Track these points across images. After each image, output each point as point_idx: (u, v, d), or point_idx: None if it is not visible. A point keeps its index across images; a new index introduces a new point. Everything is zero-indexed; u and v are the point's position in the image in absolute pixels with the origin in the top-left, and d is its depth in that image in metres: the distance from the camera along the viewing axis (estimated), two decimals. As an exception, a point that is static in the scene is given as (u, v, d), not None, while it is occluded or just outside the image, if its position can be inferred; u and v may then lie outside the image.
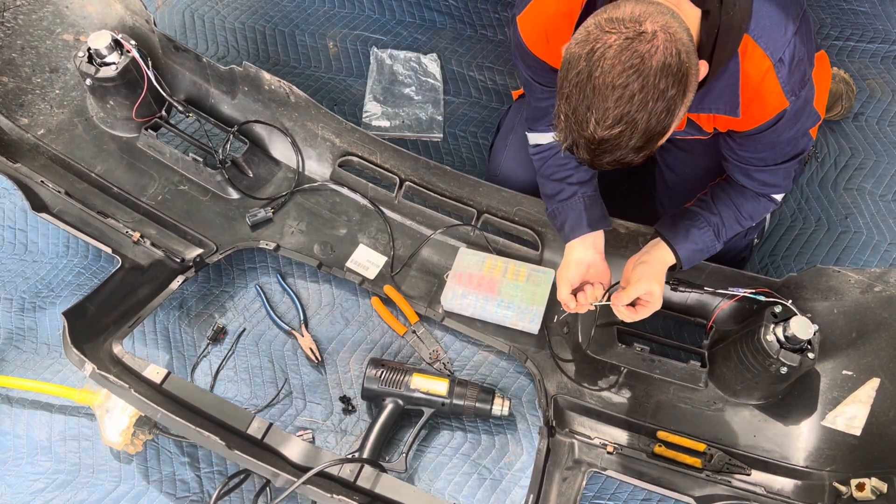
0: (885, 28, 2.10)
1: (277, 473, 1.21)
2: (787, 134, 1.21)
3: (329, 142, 1.73)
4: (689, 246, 1.37)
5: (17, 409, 1.54)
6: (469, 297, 1.59)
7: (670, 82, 0.93)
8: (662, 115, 0.95)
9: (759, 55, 1.10)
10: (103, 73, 1.63)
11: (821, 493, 1.37)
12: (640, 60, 0.92)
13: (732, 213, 1.37)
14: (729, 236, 1.39)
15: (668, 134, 1.00)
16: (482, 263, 1.63)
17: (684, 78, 0.95)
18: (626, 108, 0.93)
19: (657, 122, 0.96)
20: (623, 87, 0.92)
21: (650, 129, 0.96)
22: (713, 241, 1.37)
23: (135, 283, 1.52)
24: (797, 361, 1.34)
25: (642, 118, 0.94)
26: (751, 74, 1.12)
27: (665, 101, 0.94)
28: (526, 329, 1.59)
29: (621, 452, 1.42)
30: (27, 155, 1.68)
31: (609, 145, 0.97)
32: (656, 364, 1.52)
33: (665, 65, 0.92)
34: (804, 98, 1.16)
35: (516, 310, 1.58)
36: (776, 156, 1.27)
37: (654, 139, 0.98)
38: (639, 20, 0.93)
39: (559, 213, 1.43)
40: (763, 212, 1.39)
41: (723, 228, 1.37)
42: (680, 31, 0.95)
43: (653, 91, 0.93)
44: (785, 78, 1.11)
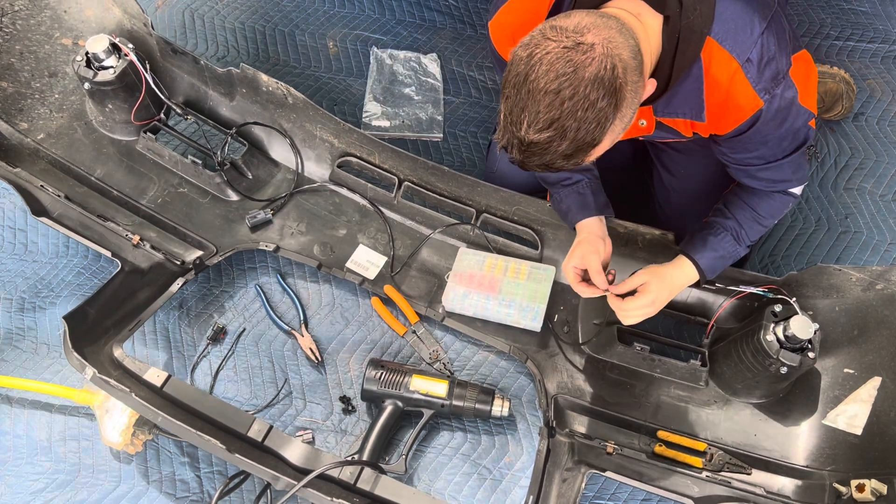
0: (885, 28, 2.10)
1: (278, 477, 1.21)
2: (775, 132, 1.21)
3: (327, 142, 1.73)
4: (708, 254, 1.37)
5: (17, 409, 1.54)
6: (470, 297, 1.59)
7: (601, 94, 0.94)
8: (592, 125, 0.96)
9: (724, 57, 1.10)
10: (101, 77, 1.63)
11: (821, 493, 1.37)
12: (573, 70, 0.93)
13: (749, 214, 1.36)
14: (753, 239, 1.38)
15: (599, 146, 1.01)
16: (482, 263, 1.63)
17: (617, 92, 0.96)
18: (556, 113, 0.95)
19: (586, 132, 0.97)
20: (555, 93, 0.94)
21: (579, 139, 0.97)
22: (734, 245, 1.37)
23: (135, 286, 1.52)
24: (797, 361, 1.34)
25: (571, 126, 0.96)
26: (718, 77, 1.12)
27: (595, 111, 0.95)
28: (528, 327, 1.58)
29: (621, 453, 1.42)
30: (27, 159, 1.68)
31: (538, 149, 0.99)
32: (656, 363, 1.52)
33: (597, 77, 0.94)
34: (782, 96, 1.15)
35: (518, 308, 1.58)
36: (775, 152, 1.26)
37: (584, 149, 1.00)
38: (581, 31, 0.95)
39: (565, 198, 1.44)
40: (782, 207, 1.37)
41: (741, 231, 1.37)
42: (622, 48, 0.96)
43: (583, 101, 0.94)
44: (755, 77, 1.11)
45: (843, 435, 1.40)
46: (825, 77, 1.87)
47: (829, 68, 1.88)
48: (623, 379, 1.53)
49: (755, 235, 1.39)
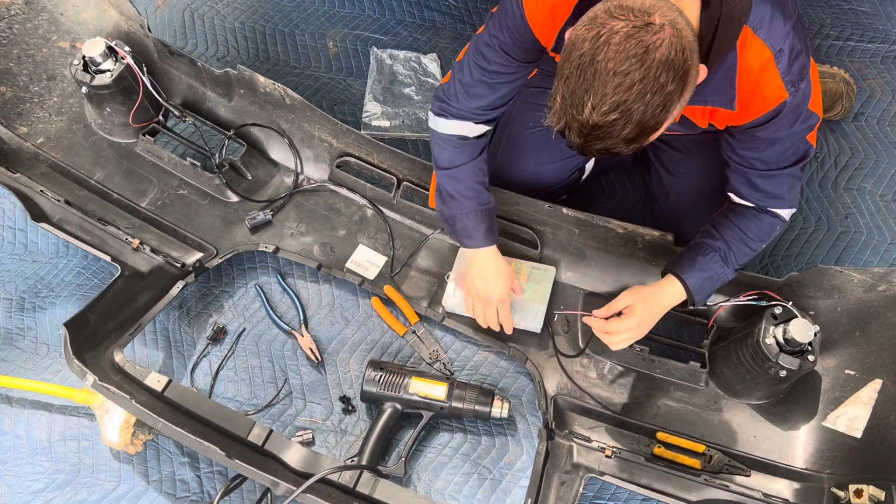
0: (885, 28, 2.10)
1: (277, 482, 1.22)
2: (786, 131, 1.20)
3: (326, 143, 1.73)
4: (697, 274, 1.35)
5: (17, 409, 1.54)
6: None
7: (670, 77, 0.93)
8: (658, 108, 0.95)
9: (759, 46, 1.10)
10: (99, 81, 1.63)
11: (819, 497, 1.37)
12: (643, 50, 0.92)
13: (737, 235, 1.35)
14: (740, 261, 1.37)
15: (661, 130, 1.00)
16: None
17: (685, 76, 0.95)
18: (624, 96, 0.93)
19: (652, 116, 0.95)
20: (624, 75, 0.92)
21: (644, 122, 0.96)
22: (721, 266, 1.35)
23: (135, 291, 1.52)
24: (796, 365, 1.33)
25: (638, 109, 0.94)
26: (751, 65, 1.12)
27: (663, 95, 0.94)
28: (529, 328, 1.58)
29: (620, 456, 1.42)
30: (27, 164, 1.68)
31: (602, 132, 0.97)
32: (656, 364, 1.52)
33: (668, 59, 0.92)
34: (803, 93, 1.16)
35: (518, 309, 1.57)
36: (777, 157, 1.26)
37: (647, 132, 0.98)
38: (648, 11, 0.93)
39: (474, 217, 1.41)
40: (769, 231, 1.36)
41: (729, 252, 1.35)
42: (686, 30, 0.95)
43: (652, 83, 0.93)
44: (785, 68, 1.11)
45: (842, 437, 1.40)
46: (825, 77, 1.86)
47: (829, 68, 1.88)
48: (623, 380, 1.53)
49: (743, 258, 1.37)
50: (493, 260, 1.47)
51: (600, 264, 1.62)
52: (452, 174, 1.41)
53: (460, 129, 1.38)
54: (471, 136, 1.39)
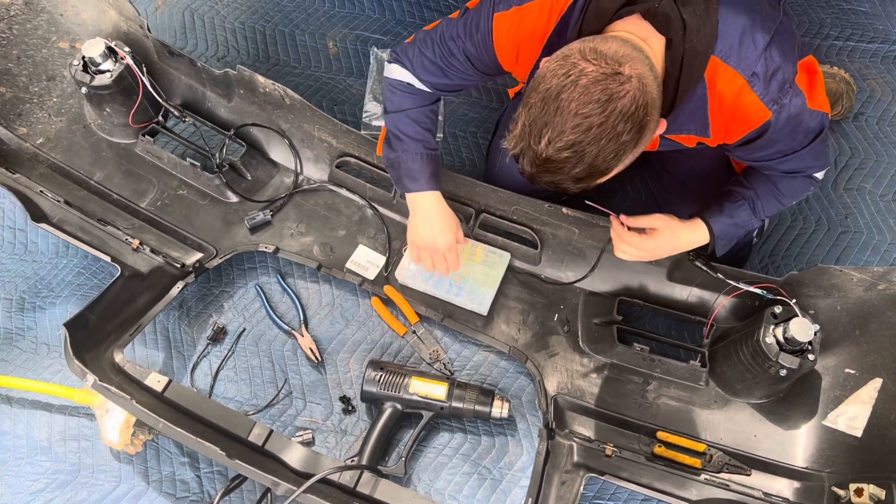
0: (885, 28, 2.10)
1: (278, 482, 1.22)
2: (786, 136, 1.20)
3: (326, 143, 1.73)
4: (724, 220, 1.36)
5: (17, 409, 1.54)
6: (423, 274, 1.62)
7: (628, 128, 0.96)
8: (610, 155, 0.98)
9: (730, 74, 1.11)
10: (98, 81, 1.63)
11: (819, 496, 1.37)
12: (607, 98, 0.95)
13: (769, 188, 1.35)
14: (768, 213, 1.37)
15: (609, 175, 1.03)
16: None
17: (642, 129, 0.98)
18: (581, 136, 0.96)
19: (603, 161, 0.99)
20: (584, 117, 0.95)
21: (595, 165, 0.99)
22: (749, 215, 1.36)
23: (135, 291, 1.52)
24: (796, 364, 1.33)
25: (591, 152, 0.97)
26: (724, 93, 1.13)
27: (617, 143, 0.97)
28: (475, 310, 1.60)
29: (620, 455, 1.42)
30: (26, 164, 1.68)
31: (553, 166, 1.00)
32: (656, 363, 1.52)
33: (629, 111, 0.95)
34: (791, 105, 1.15)
35: (467, 290, 1.61)
36: (792, 145, 1.24)
37: (595, 175, 1.01)
38: (620, 61, 0.96)
39: (420, 160, 1.42)
40: (804, 189, 1.36)
41: (758, 202, 1.35)
42: (652, 85, 0.98)
43: (610, 130, 0.96)
44: (762, 91, 1.12)
45: (842, 437, 1.40)
46: (825, 77, 1.87)
47: (829, 68, 1.88)
48: (623, 379, 1.53)
49: (771, 211, 1.37)
50: (439, 206, 1.47)
51: (600, 264, 1.62)
52: (400, 117, 1.42)
53: (410, 79, 1.39)
54: (417, 87, 1.40)
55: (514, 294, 1.64)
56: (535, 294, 1.64)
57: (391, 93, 1.42)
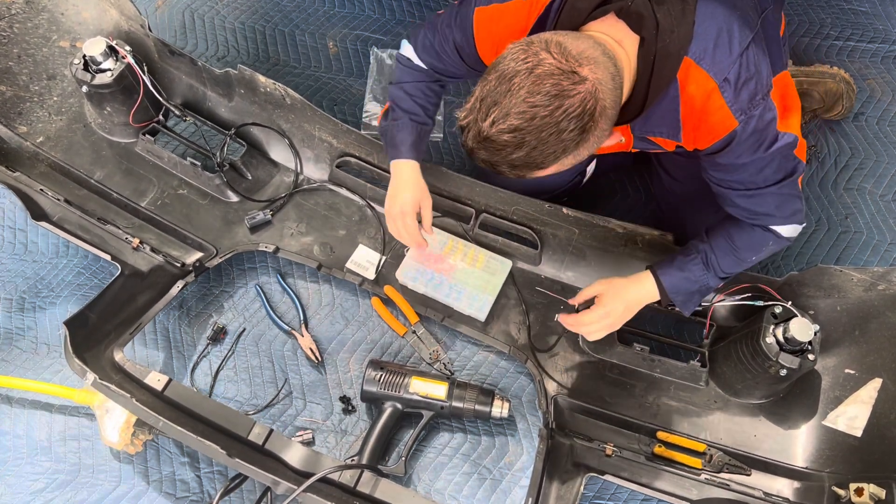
0: (885, 28, 2.10)
1: (278, 481, 1.22)
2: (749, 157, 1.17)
3: (326, 143, 1.73)
4: (674, 273, 1.34)
5: (17, 409, 1.54)
6: (424, 276, 1.62)
7: (570, 127, 0.96)
8: (549, 150, 0.98)
9: (702, 77, 1.09)
10: (99, 80, 1.63)
11: (819, 496, 1.37)
12: (557, 93, 0.95)
13: (725, 243, 1.32)
14: (725, 269, 1.33)
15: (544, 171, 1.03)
16: (443, 244, 1.66)
17: (584, 133, 0.98)
18: (524, 124, 0.96)
19: (540, 154, 0.99)
20: (531, 106, 0.95)
21: (532, 156, 0.99)
22: (702, 270, 1.33)
23: (135, 290, 1.52)
24: (797, 364, 1.33)
25: (530, 142, 0.97)
26: (695, 96, 1.11)
27: (558, 139, 0.97)
28: (473, 315, 1.60)
29: (620, 455, 1.42)
30: (26, 163, 1.68)
31: (491, 146, 1.00)
32: (656, 363, 1.52)
33: (575, 112, 0.95)
34: (760, 118, 1.12)
35: (467, 295, 1.60)
36: (755, 179, 1.21)
37: (531, 167, 1.01)
38: (581, 62, 0.96)
39: (405, 129, 1.43)
40: (761, 243, 1.31)
41: (713, 256, 1.32)
42: (608, 94, 0.98)
43: (553, 126, 0.96)
44: (731, 98, 1.10)
45: (842, 437, 1.40)
46: (825, 77, 1.86)
47: (829, 68, 1.87)
48: (623, 379, 1.53)
49: (729, 267, 1.33)
50: (409, 175, 1.46)
51: (600, 264, 1.62)
52: (397, 89, 1.45)
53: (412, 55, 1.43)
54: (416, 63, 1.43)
55: (514, 294, 1.64)
56: (535, 294, 1.64)
57: (397, 66, 1.47)
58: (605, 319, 1.37)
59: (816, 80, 1.85)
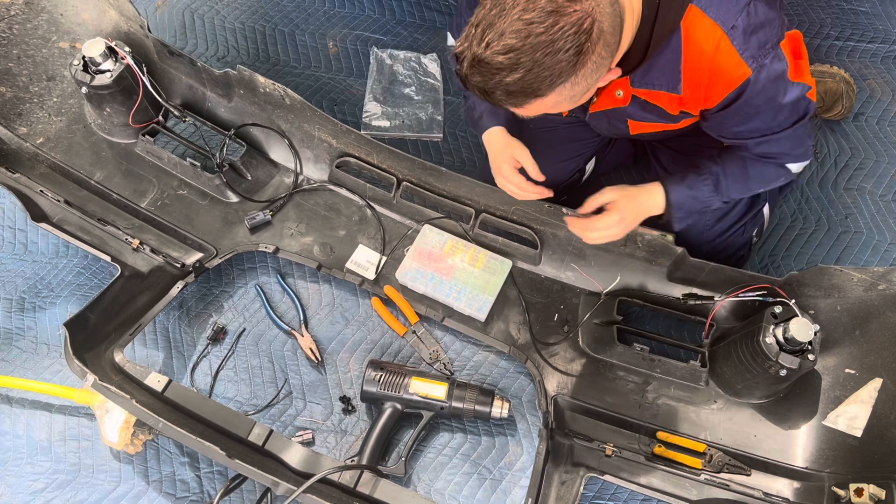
0: (885, 28, 2.10)
1: (278, 482, 1.22)
2: (765, 105, 1.16)
3: (326, 143, 1.73)
4: (683, 190, 1.34)
5: (17, 409, 1.54)
6: (423, 275, 1.62)
7: (566, 47, 0.93)
8: (545, 73, 0.95)
9: (708, 25, 1.07)
10: (99, 81, 1.62)
11: (819, 496, 1.37)
12: (553, 9, 0.92)
13: (737, 169, 1.32)
14: (732, 195, 1.34)
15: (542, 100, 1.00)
16: (443, 244, 1.66)
17: (582, 54, 0.95)
18: (519, 43, 0.93)
19: (536, 77, 0.95)
20: (526, 23, 0.92)
21: (527, 80, 0.96)
22: (711, 191, 1.33)
23: (135, 291, 1.52)
24: (797, 364, 1.33)
25: (525, 63, 0.94)
26: (703, 46, 1.09)
27: (554, 60, 0.94)
28: (473, 315, 1.60)
29: (620, 455, 1.42)
30: (26, 164, 1.69)
31: (486, 69, 0.97)
32: (656, 363, 1.52)
33: (571, 30, 0.92)
34: (771, 68, 1.11)
35: (466, 296, 1.60)
36: (770, 125, 1.21)
37: (527, 93, 0.98)
38: None
39: (478, 104, 1.47)
40: (774, 177, 1.32)
41: (724, 180, 1.32)
42: (606, 18, 0.95)
43: (548, 45, 0.92)
44: (741, 44, 1.08)
45: (842, 437, 1.40)
46: (825, 77, 1.86)
47: (829, 68, 1.88)
48: (623, 379, 1.53)
49: (736, 193, 1.34)
50: (496, 138, 1.48)
51: (600, 264, 1.62)
52: None
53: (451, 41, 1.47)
54: None
55: (514, 294, 1.64)
56: (535, 294, 1.64)
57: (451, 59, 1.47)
58: (618, 226, 1.37)
59: (816, 79, 1.85)
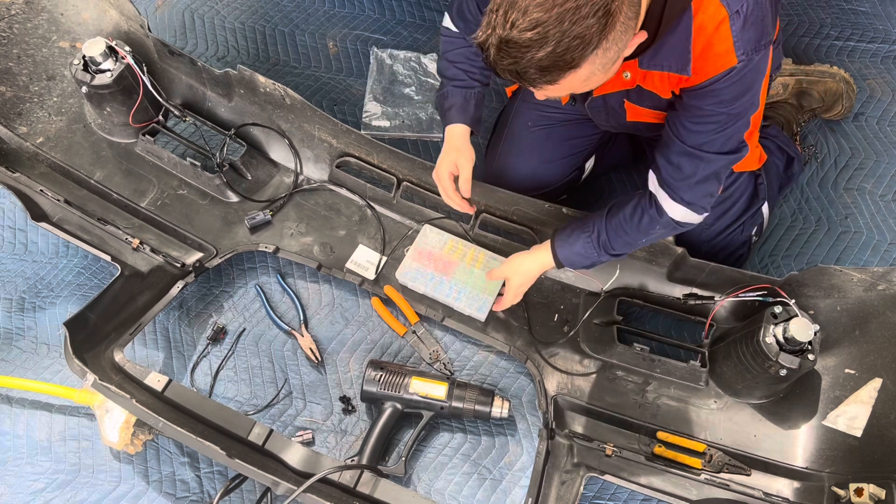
0: (885, 28, 2.10)
1: (278, 482, 1.22)
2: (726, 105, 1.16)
3: (326, 143, 1.73)
4: (568, 248, 1.42)
5: (17, 409, 1.54)
6: (423, 275, 1.62)
7: (593, 10, 0.92)
8: (575, 41, 0.94)
9: (714, 6, 1.08)
10: (99, 81, 1.63)
11: (819, 496, 1.37)
12: None
13: (617, 221, 1.35)
14: (616, 248, 1.37)
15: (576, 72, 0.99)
16: (443, 244, 1.67)
17: (609, 16, 0.94)
18: (544, 16, 0.92)
19: (567, 48, 0.94)
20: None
21: (558, 52, 0.95)
22: (594, 248, 1.38)
23: (135, 290, 1.52)
24: (796, 364, 1.33)
25: (554, 34, 0.93)
26: (705, 25, 1.10)
27: (582, 27, 0.93)
28: (473, 315, 1.60)
29: (620, 455, 1.42)
30: (26, 163, 1.69)
31: (515, 50, 0.96)
32: (656, 363, 1.52)
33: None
34: (756, 67, 1.12)
35: (466, 296, 1.61)
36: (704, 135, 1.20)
37: (561, 66, 0.97)
38: None
39: (451, 97, 1.48)
40: (647, 225, 1.32)
41: (605, 237, 1.37)
42: None
43: (573, 12, 0.92)
44: (738, 31, 1.09)
45: (842, 437, 1.40)
46: (825, 76, 1.86)
47: (829, 68, 1.87)
48: (623, 379, 1.53)
49: (620, 247, 1.37)
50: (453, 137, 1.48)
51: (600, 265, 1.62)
52: (441, 61, 1.51)
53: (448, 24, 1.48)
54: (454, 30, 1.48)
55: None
56: (535, 294, 1.64)
57: (441, 39, 1.52)
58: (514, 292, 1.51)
59: (816, 79, 1.85)
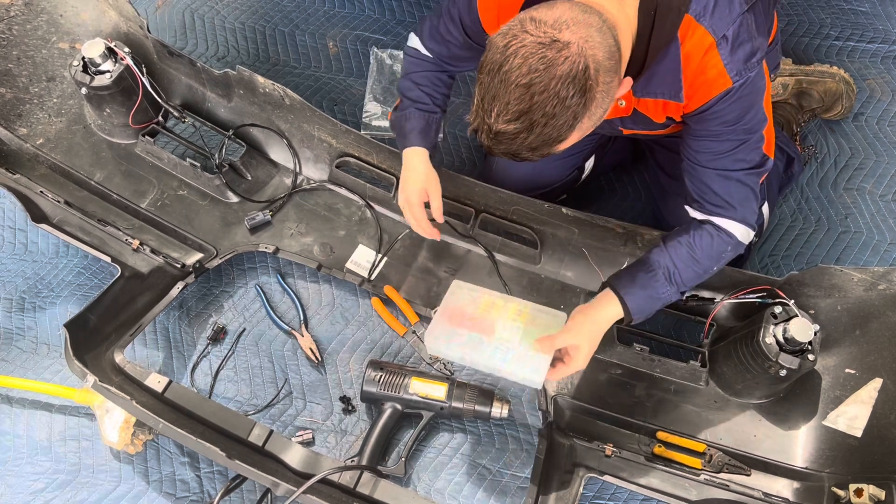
0: (885, 28, 2.09)
1: (278, 483, 1.22)
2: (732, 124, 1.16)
3: (326, 143, 1.73)
4: (638, 292, 1.28)
5: (17, 409, 1.55)
6: (458, 337, 1.35)
7: (571, 92, 0.96)
8: (560, 121, 0.98)
9: (701, 33, 1.09)
10: (98, 82, 1.63)
11: (819, 496, 1.37)
12: (545, 67, 0.95)
13: (685, 252, 1.28)
14: (687, 281, 1.29)
15: (566, 141, 1.02)
16: (478, 301, 1.40)
17: (587, 92, 0.97)
18: (526, 106, 0.96)
19: (553, 128, 0.99)
20: (525, 87, 0.96)
21: (545, 133, 0.99)
22: (665, 285, 1.28)
23: (135, 291, 1.52)
24: (796, 364, 1.33)
25: (539, 120, 0.97)
26: (692, 53, 1.11)
27: (563, 108, 0.97)
28: (527, 382, 1.32)
29: (620, 455, 1.42)
30: (26, 165, 1.69)
31: (505, 138, 1.00)
32: (656, 363, 1.52)
33: (568, 75, 0.95)
34: (753, 84, 1.13)
35: (516, 357, 1.31)
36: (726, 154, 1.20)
37: (550, 143, 1.01)
38: (560, 27, 0.96)
39: (412, 119, 1.46)
40: (719, 248, 1.28)
41: (675, 270, 1.28)
42: (598, 48, 0.97)
43: (553, 97, 0.96)
44: (727, 55, 1.10)
45: (842, 437, 1.40)
46: (825, 77, 1.86)
47: (829, 68, 1.87)
48: (623, 379, 1.53)
49: (690, 279, 1.29)
50: (416, 161, 1.46)
51: (600, 264, 1.62)
52: (404, 81, 1.48)
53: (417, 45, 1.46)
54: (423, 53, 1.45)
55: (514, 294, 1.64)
56: (535, 294, 1.64)
57: (405, 59, 1.49)
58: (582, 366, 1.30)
59: (816, 79, 1.85)
